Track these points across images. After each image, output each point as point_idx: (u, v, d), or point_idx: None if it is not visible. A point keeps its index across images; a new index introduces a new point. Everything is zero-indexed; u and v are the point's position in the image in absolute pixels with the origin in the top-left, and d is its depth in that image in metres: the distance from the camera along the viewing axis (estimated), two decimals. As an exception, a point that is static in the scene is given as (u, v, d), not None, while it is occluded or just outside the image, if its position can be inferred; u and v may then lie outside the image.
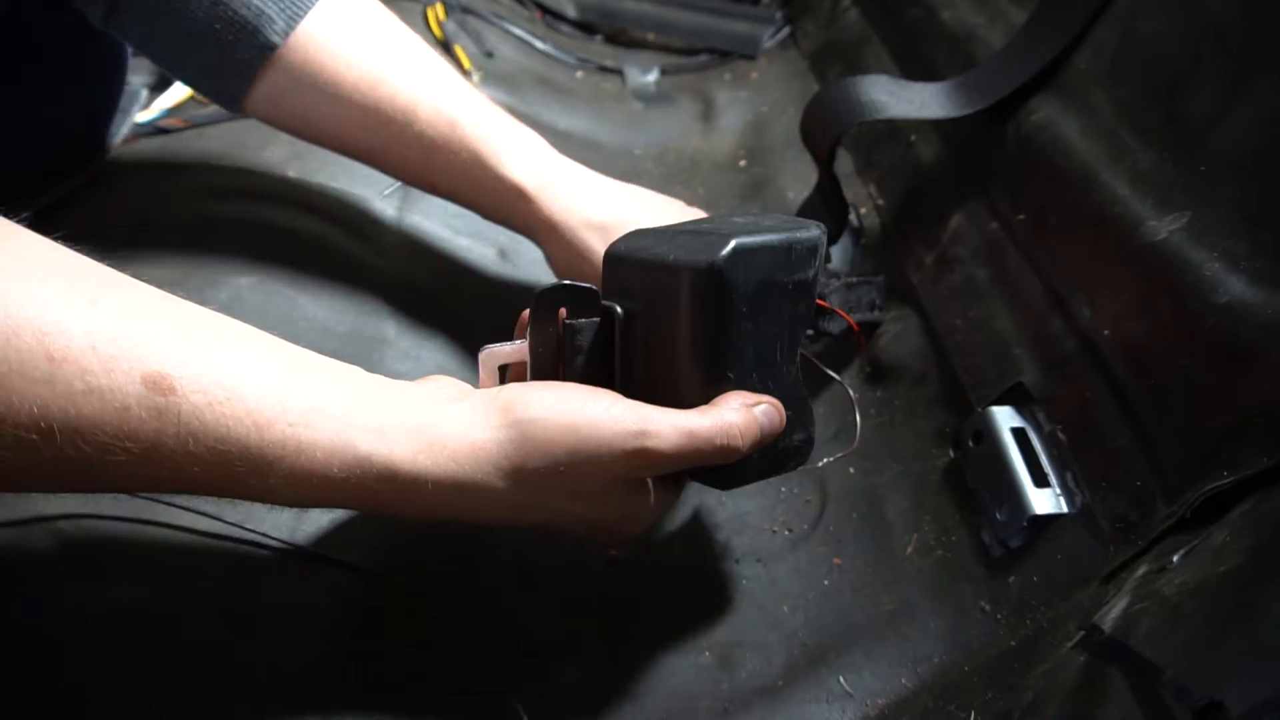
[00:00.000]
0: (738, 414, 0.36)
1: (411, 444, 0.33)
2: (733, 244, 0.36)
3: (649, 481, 0.38)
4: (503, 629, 0.45)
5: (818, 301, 0.44)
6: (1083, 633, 0.33)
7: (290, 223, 0.55)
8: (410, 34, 0.52)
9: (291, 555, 0.42)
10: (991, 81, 0.54)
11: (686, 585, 0.49)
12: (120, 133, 0.61)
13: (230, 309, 0.37)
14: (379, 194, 0.60)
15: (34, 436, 0.27)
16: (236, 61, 0.47)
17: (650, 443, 0.35)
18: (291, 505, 0.34)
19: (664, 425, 0.35)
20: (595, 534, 0.39)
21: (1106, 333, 0.43)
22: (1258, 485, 0.31)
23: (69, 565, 0.39)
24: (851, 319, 0.52)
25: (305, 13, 0.47)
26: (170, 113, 0.63)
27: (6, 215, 0.30)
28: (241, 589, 0.41)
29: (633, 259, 0.39)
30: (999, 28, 0.58)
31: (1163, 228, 0.42)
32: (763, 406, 0.38)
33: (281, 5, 0.46)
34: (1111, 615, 0.31)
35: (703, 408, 0.37)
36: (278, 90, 0.48)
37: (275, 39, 0.46)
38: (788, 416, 0.40)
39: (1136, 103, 0.47)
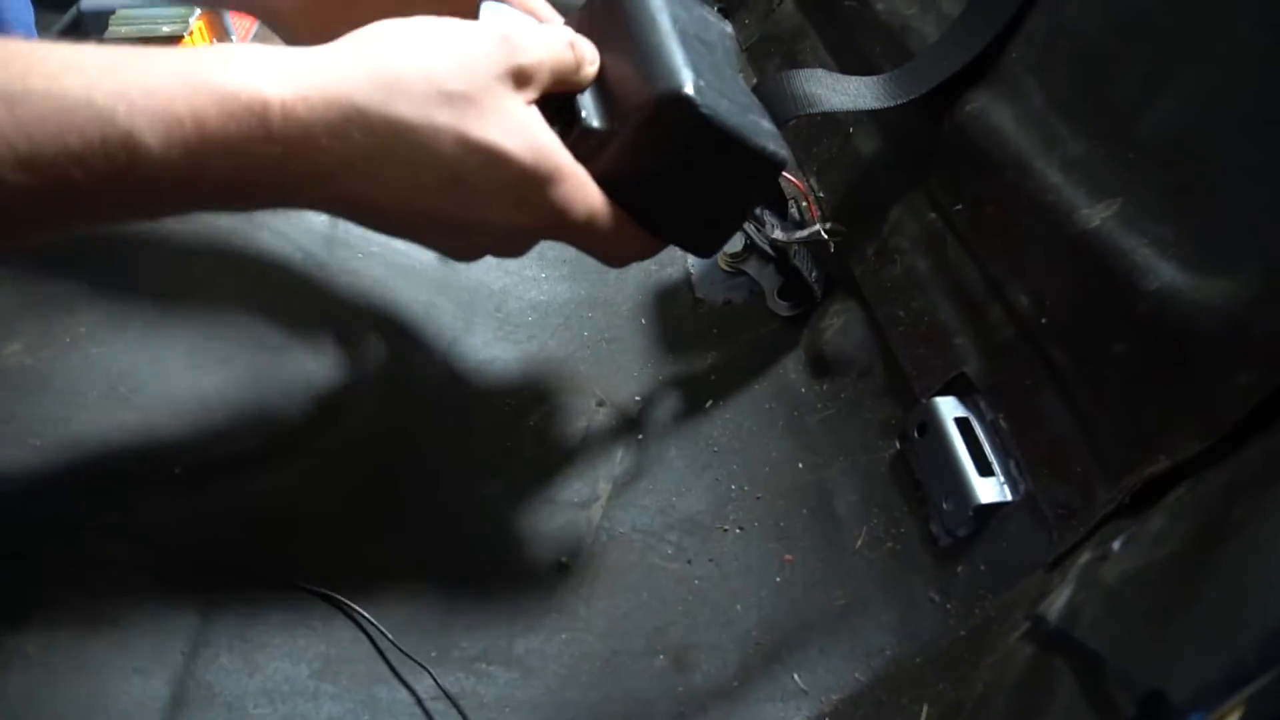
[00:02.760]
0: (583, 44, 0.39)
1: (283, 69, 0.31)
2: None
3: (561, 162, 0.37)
4: (454, 637, 0.44)
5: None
6: (1029, 623, 0.33)
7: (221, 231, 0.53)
8: None
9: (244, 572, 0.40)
10: (925, 72, 0.55)
11: (639, 588, 0.48)
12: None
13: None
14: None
15: None
16: None
17: (516, 37, 0.36)
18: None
19: (526, 31, 0.37)
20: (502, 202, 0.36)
21: (1044, 321, 0.43)
22: (1192, 469, 0.32)
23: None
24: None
25: None
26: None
27: None
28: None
29: None
30: (931, 18, 0.59)
31: (1095, 215, 0.42)
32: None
33: None
34: (1057, 605, 0.31)
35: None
36: None
37: None
38: None
39: (1067, 91, 0.47)
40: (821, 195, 0.64)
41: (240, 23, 0.67)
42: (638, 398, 0.57)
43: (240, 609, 0.40)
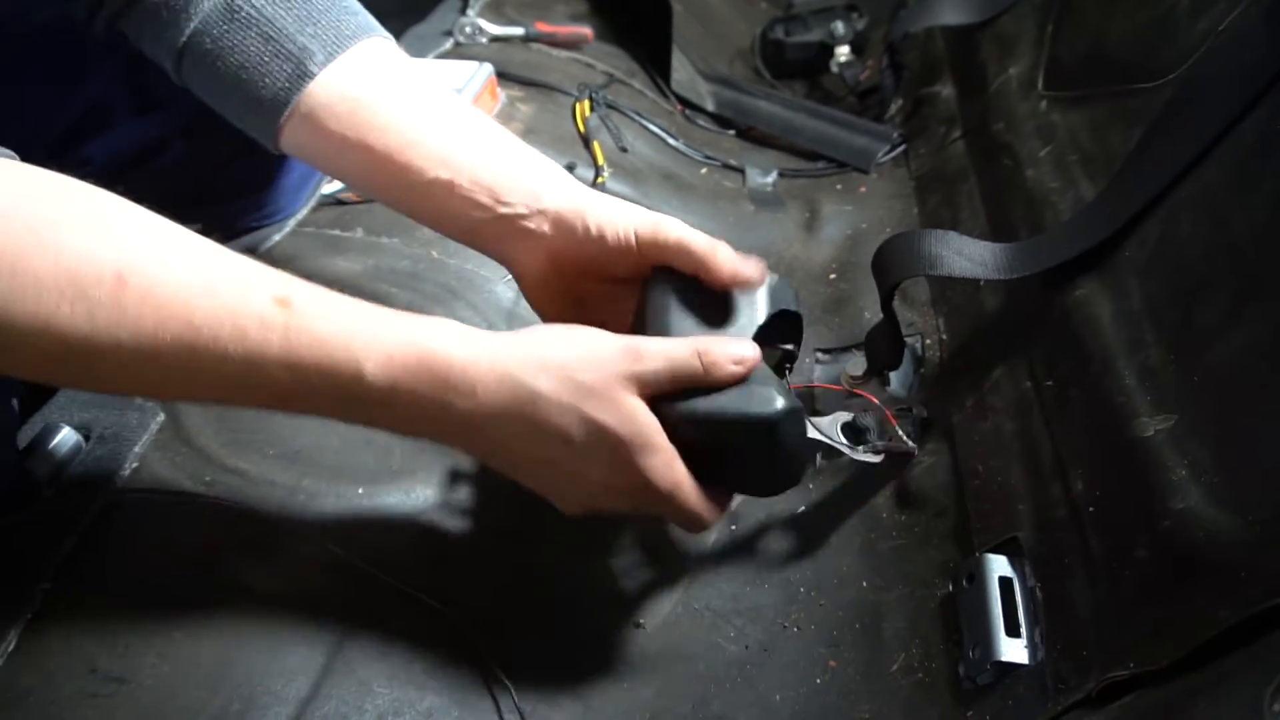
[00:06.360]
0: (714, 344, 0.47)
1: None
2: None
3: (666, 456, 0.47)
4: (536, 664, 0.54)
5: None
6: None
7: (424, 299, 0.67)
8: (431, 93, 0.56)
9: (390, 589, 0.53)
10: (1047, 251, 0.59)
11: (698, 660, 0.56)
12: (310, 201, 0.75)
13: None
14: (501, 278, 0.71)
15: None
16: (276, 91, 0.53)
17: (641, 350, 0.46)
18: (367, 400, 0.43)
19: (652, 344, 0.47)
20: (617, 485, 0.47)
21: (1091, 510, 0.48)
22: (1148, 681, 0.36)
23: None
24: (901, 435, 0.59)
25: (343, 50, 0.54)
26: (348, 187, 0.77)
27: None
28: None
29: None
30: (1069, 198, 0.63)
31: (1152, 425, 0.46)
32: (731, 350, 0.47)
33: (323, 42, 0.54)
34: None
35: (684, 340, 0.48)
36: (302, 133, 0.55)
37: (315, 69, 0.53)
38: None
39: (1162, 300, 0.51)
40: (945, 338, 0.69)
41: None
42: (739, 492, 0.65)
43: (383, 609, 0.52)
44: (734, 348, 0.47)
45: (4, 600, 0.48)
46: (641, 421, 0.46)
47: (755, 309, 0.52)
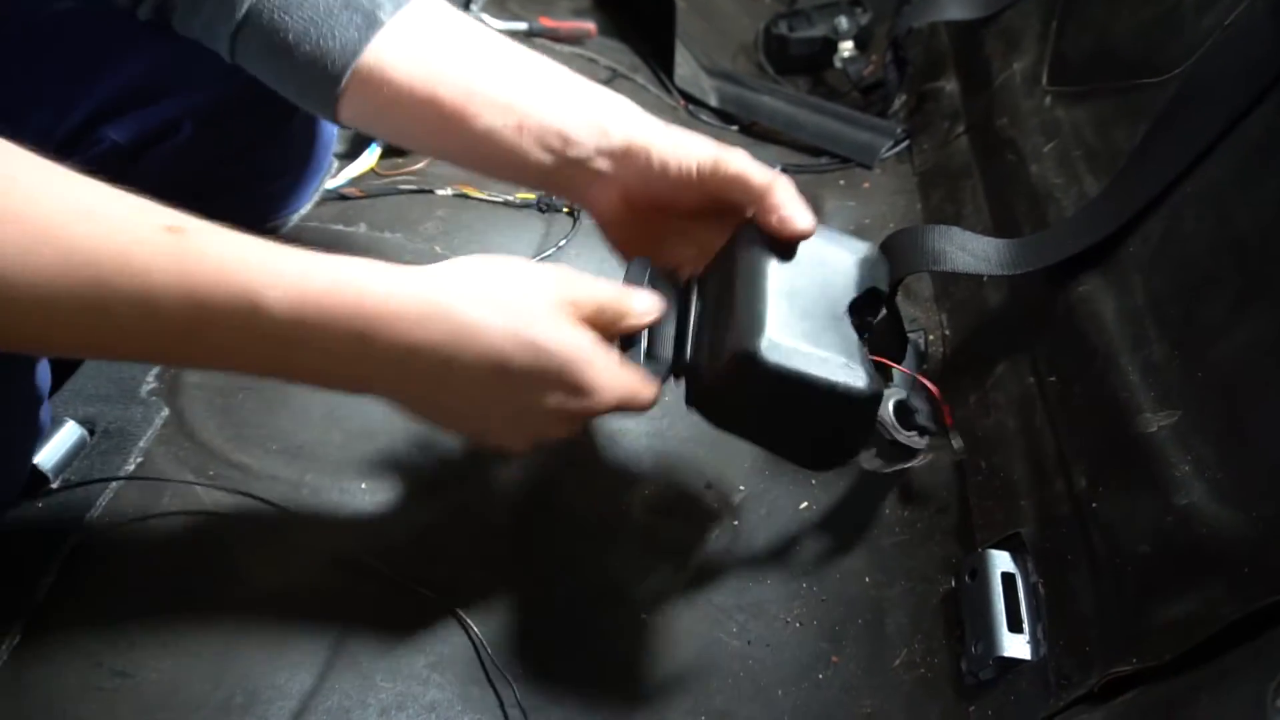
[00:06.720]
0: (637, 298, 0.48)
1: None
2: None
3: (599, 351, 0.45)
4: (539, 660, 0.54)
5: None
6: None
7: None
8: (492, 40, 0.55)
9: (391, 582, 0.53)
10: (1051, 246, 0.59)
11: (701, 654, 0.56)
12: (314, 196, 0.75)
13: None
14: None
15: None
16: (345, 41, 0.52)
17: (575, 277, 0.46)
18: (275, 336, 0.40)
19: (583, 277, 0.46)
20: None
21: (1094, 505, 0.48)
22: (1150, 677, 0.37)
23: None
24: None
25: (408, 1, 0.53)
26: (352, 182, 0.77)
27: None
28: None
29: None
30: (1073, 194, 0.63)
31: (1155, 422, 0.46)
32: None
33: None
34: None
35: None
36: (367, 89, 0.53)
37: (384, 17, 0.52)
38: None
39: (1165, 296, 0.51)
40: (948, 333, 0.69)
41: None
42: (742, 488, 0.65)
43: (386, 603, 0.53)
44: (642, 305, 0.49)
45: (9, 594, 0.48)
46: (579, 339, 0.45)
47: (851, 282, 0.51)
